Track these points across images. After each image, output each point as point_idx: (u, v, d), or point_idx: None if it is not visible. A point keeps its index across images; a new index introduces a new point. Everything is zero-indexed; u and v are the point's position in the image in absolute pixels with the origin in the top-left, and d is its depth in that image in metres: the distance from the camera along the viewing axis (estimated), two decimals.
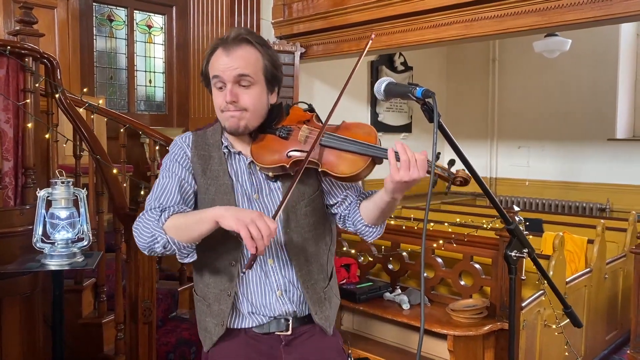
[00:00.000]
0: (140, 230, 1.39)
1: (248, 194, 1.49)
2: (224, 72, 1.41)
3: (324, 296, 1.54)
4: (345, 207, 1.55)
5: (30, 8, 2.81)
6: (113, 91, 5.34)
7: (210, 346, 1.52)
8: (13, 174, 2.61)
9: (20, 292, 2.61)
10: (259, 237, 1.22)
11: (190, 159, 1.50)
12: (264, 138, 1.49)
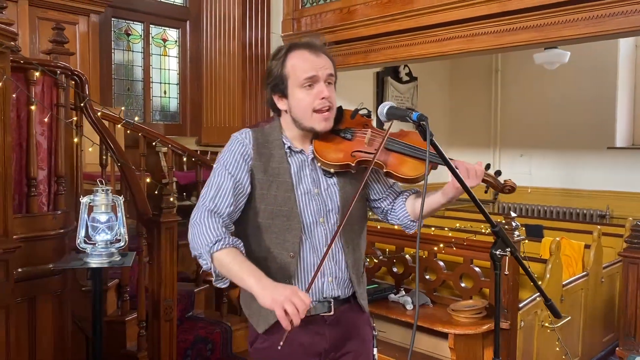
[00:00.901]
0: (196, 237, 1.48)
1: (309, 190, 1.60)
2: (318, 71, 1.53)
3: (361, 280, 1.71)
4: (388, 202, 1.72)
5: (62, 29, 3.04)
6: (130, 102, 5.58)
7: (266, 328, 1.59)
8: (46, 181, 2.83)
9: (52, 290, 2.82)
10: (294, 313, 1.29)
11: (252, 157, 1.57)
12: (328, 138, 1.60)
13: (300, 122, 1.58)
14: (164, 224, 2.91)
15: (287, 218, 1.57)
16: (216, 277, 1.51)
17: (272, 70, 1.59)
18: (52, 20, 4.62)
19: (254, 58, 5.64)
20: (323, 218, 1.61)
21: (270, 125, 1.64)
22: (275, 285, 1.40)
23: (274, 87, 1.59)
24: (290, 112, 1.59)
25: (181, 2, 5.99)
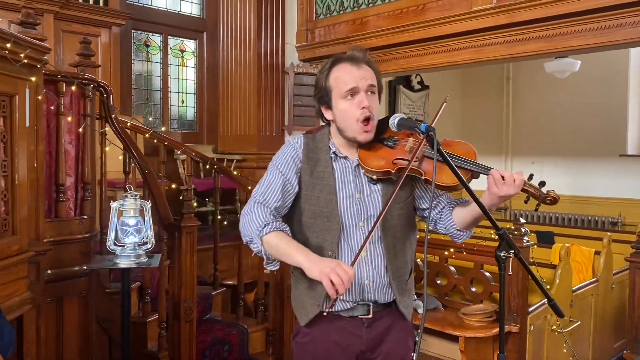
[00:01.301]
0: (247, 224, 1.63)
1: (351, 194, 1.69)
2: (359, 82, 1.63)
3: (405, 287, 1.75)
4: (437, 211, 1.76)
5: (88, 42, 3.19)
6: (149, 111, 5.75)
7: (307, 322, 1.72)
8: (73, 188, 2.98)
9: (78, 291, 2.96)
10: (339, 283, 1.43)
11: (301, 160, 1.71)
12: (372, 146, 1.68)
13: (344, 131, 1.68)
14: (185, 229, 3.03)
15: (327, 219, 1.67)
16: (267, 260, 1.64)
17: (318, 83, 1.72)
18: (75, 33, 4.82)
19: (268, 68, 5.79)
20: (363, 222, 1.69)
21: (320, 132, 1.76)
22: (322, 259, 1.55)
23: (320, 99, 1.71)
24: (335, 122, 1.70)
25: (198, 14, 6.17)
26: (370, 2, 5.36)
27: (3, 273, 2.25)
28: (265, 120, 5.80)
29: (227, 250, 4.50)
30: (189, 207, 3.06)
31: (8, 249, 2.29)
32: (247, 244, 1.67)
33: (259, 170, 5.54)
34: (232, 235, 4.62)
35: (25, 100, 2.37)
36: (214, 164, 3.70)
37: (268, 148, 5.80)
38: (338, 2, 5.69)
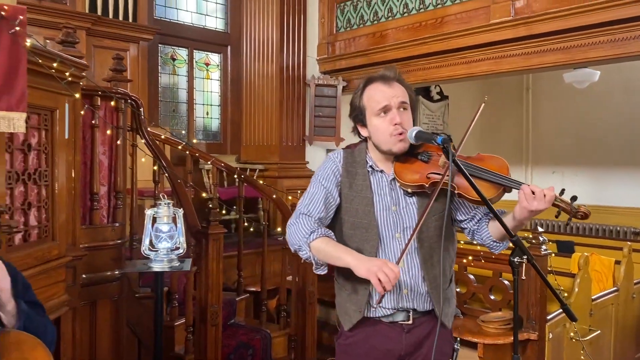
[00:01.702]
0: (293, 234, 1.75)
1: (387, 206, 1.78)
2: (390, 100, 1.73)
3: (445, 296, 1.80)
4: (474, 223, 1.82)
5: (121, 58, 3.36)
6: (175, 122, 5.93)
7: (350, 327, 1.81)
8: (107, 196, 3.13)
9: (110, 295, 3.10)
10: (386, 280, 1.52)
11: (341, 174, 1.82)
12: (407, 160, 1.76)
13: (379, 146, 1.78)
14: (212, 236, 3.16)
15: (365, 230, 1.76)
16: (316, 265, 1.75)
17: (353, 102, 1.83)
18: (106, 48, 5.02)
19: (290, 80, 5.93)
20: (400, 234, 1.77)
21: (358, 147, 1.87)
22: (369, 258, 1.66)
23: (355, 118, 1.82)
24: (371, 138, 1.81)
25: (223, 29, 6.36)
26: (389, 16, 5.47)
27: (44, 276, 2.39)
28: (286, 130, 5.94)
29: (250, 257, 4.62)
30: (215, 215, 3.19)
31: (48, 253, 2.44)
32: (295, 252, 1.78)
33: (280, 179, 5.68)
34: (254, 242, 4.74)
35: (65, 114, 2.53)
36: (241, 175, 3.83)
37: (289, 158, 5.94)
38: (358, 16, 5.82)
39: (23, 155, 2.29)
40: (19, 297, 1.68)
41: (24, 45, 1.88)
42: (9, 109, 1.85)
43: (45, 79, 2.30)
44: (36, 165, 2.38)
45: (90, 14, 4.91)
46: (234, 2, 6.32)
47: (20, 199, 2.28)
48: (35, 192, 2.39)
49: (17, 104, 1.86)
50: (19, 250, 2.24)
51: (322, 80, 6.09)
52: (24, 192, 2.31)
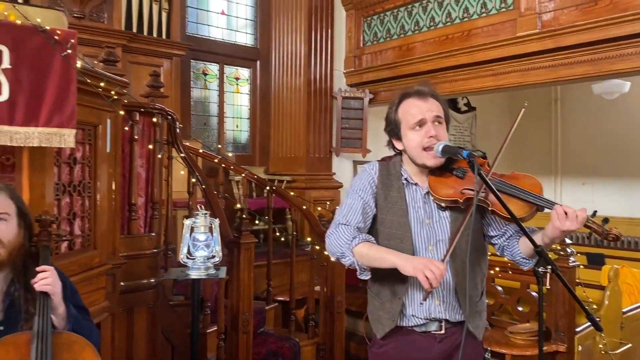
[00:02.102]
0: (334, 242, 1.80)
1: (421, 219, 1.82)
2: (425, 114, 1.77)
3: (475, 309, 1.84)
4: (504, 239, 1.85)
5: (158, 75, 3.52)
6: (206, 135, 6.10)
7: (383, 335, 1.86)
8: (144, 207, 3.26)
9: (146, 303, 3.22)
10: (433, 277, 1.56)
11: (376, 185, 1.87)
12: (442, 174, 1.80)
13: (414, 159, 1.83)
14: (243, 245, 3.26)
15: (400, 241, 1.81)
16: (360, 270, 1.79)
17: (388, 117, 1.88)
18: (141, 64, 5.22)
19: (317, 93, 6.04)
20: (432, 246, 1.81)
21: (393, 160, 1.93)
22: (414, 257, 1.73)
23: (391, 132, 1.88)
24: (406, 152, 1.86)
25: (252, 44, 6.52)
26: (416, 29, 5.55)
27: (86, 283, 2.52)
28: (314, 142, 6.04)
29: (278, 267, 4.71)
30: (246, 225, 3.29)
31: (91, 261, 2.57)
32: (337, 260, 1.84)
33: (307, 190, 5.77)
34: (282, 252, 4.84)
35: (107, 129, 2.67)
36: (272, 187, 3.93)
37: (316, 169, 6.04)
38: (385, 30, 5.91)
39: (69, 168, 2.43)
40: (68, 301, 1.80)
41: (75, 67, 2.01)
42: (60, 126, 1.98)
43: (90, 96, 2.44)
44: (80, 178, 2.52)
45: (126, 31, 5.11)
46: (263, 18, 6.49)
47: (66, 210, 2.42)
48: (79, 203, 2.52)
49: (67, 121, 2.00)
50: (64, 258, 2.37)
51: (349, 92, 6.18)
52: (69, 203, 2.44)
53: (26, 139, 1.94)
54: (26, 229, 1.78)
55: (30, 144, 1.95)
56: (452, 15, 5.15)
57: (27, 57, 1.94)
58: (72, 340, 1.72)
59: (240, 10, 6.46)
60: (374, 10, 6.02)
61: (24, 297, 1.74)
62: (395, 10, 5.77)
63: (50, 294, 1.69)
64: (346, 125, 6.16)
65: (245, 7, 6.49)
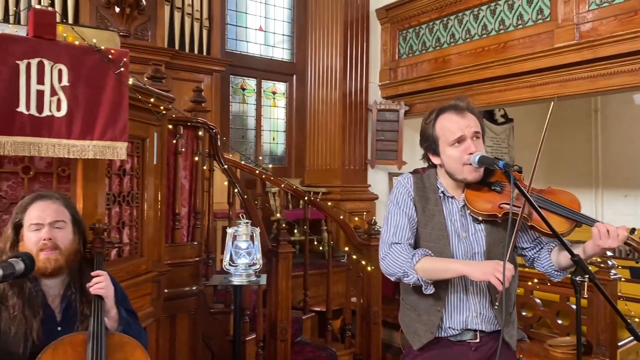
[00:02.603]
0: (392, 263, 1.80)
1: (458, 232, 1.83)
2: (464, 130, 1.78)
3: (510, 319, 1.88)
4: (535, 251, 1.88)
5: (201, 90, 3.66)
6: (244, 148, 6.25)
7: (420, 346, 1.88)
8: (187, 217, 3.38)
9: (188, 310, 3.32)
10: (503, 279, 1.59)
11: (413, 198, 1.88)
12: (479, 188, 1.81)
13: (453, 174, 1.83)
14: (281, 255, 3.35)
15: (439, 254, 1.81)
16: (425, 285, 1.79)
17: (424, 132, 1.88)
18: (183, 80, 5.42)
19: (353, 105, 6.12)
20: (469, 259, 1.82)
21: (427, 173, 1.93)
22: (479, 262, 1.75)
23: (428, 147, 1.88)
24: (444, 166, 1.85)
25: (289, 59, 6.67)
26: (451, 42, 5.57)
27: (134, 289, 2.63)
28: (349, 154, 6.11)
29: (314, 278, 4.77)
30: (284, 235, 3.37)
31: (138, 268, 2.69)
32: (398, 280, 1.84)
33: (343, 202, 5.83)
34: (317, 264, 4.90)
35: (154, 142, 2.81)
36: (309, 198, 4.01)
37: (352, 181, 6.09)
38: (420, 42, 5.96)
39: (119, 179, 2.56)
40: (120, 305, 1.91)
41: (127, 84, 2.14)
42: (114, 139, 2.11)
43: (138, 111, 2.57)
44: (129, 189, 2.65)
45: (169, 48, 5.32)
46: (300, 33, 6.63)
47: (116, 219, 2.55)
48: (128, 212, 2.65)
49: (120, 135, 2.12)
50: (114, 265, 2.49)
51: (384, 105, 6.24)
52: (118, 212, 2.57)
53: (82, 152, 2.07)
54: (80, 235, 1.90)
55: (85, 156, 2.08)
56: (487, 27, 5.16)
57: (84, 75, 2.07)
58: (124, 341, 1.82)
59: (277, 27, 6.62)
60: (409, 23, 6.08)
61: (79, 300, 1.85)
62: (431, 23, 5.81)
63: (104, 297, 1.80)
64: (381, 137, 6.21)
65: (282, 23, 6.65)
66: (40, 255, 1.76)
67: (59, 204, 1.85)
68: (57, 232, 1.80)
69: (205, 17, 5.67)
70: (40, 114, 1.97)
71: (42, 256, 1.76)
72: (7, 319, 1.71)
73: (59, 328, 1.81)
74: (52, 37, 2.02)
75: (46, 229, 1.77)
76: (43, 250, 1.76)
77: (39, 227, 1.77)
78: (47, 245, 1.76)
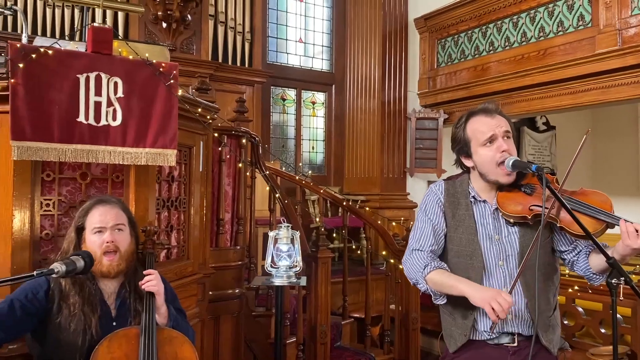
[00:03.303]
0: (410, 268, 1.89)
1: (490, 235, 1.85)
2: (495, 129, 1.81)
3: (548, 323, 1.86)
4: (574, 254, 1.85)
5: (243, 101, 3.80)
6: (284, 157, 6.40)
7: (455, 349, 1.90)
8: (230, 222, 3.51)
9: (231, 312, 3.44)
10: (500, 310, 1.61)
11: (443, 204, 1.92)
12: (510, 191, 1.83)
13: (487, 175, 1.85)
14: (321, 259, 3.43)
15: (470, 258, 1.85)
16: (434, 296, 1.88)
17: (455, 136, 1.92)
18: (226, 91, 5.61)
19: (391, 114, 6.18)
20: (503, 262, 1.83)
21: (460, 179, 1.97)
22: (483, 287, 1.78)
23: (460, 150, 1.92)
24: (477, 168, 1.88)
25: (328, 69, 6.80)
26: (491, 49, 5.57)
27: (181, 290, 2.76)
28: (387, 163, 6.16)
29: (353, 285, 4.82)
30: (324, 240, 3.45)
31: (184, 270, 2.82)
32: (414, 285, 1.92)
33: (382, 210, 5.88)
34: (357, 271, 4.96)
35: (200, 151, 2.95)
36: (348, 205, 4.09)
37: (391, 189, 6.14)
38: (459, 51, 5.97)
39: (168, 185, 2.71)
40: (169, 303, 2.03)
41: (176, 95, 2.28)
42: (164, 147, 2.25)
43: (186, 121, 2.71)
44: (177, 194, 2.79)
45: (213, 61, 5.52)
46: (339, 44, 6.75)
47: (165, 222, 2.69)
48: (175, 216, 2.79)
49: (170, 142, 2.26)
50: (163, 266, 2.62)
51: (423, 113, 6.27)
52: (167, 216, 2.71)
53: (136, 158, 2.21)
54: (135, 237, 2.04)
55: (138, 163, 2.22)
56: (527, 34, 5.14)
57: (137, 87, 2.22)
58: (172, 336, 1.94)
59: (317, 38, 6.77)
60: (447, 32, 6.11)
61: (133, 297, 1.98)
62: (470, 32, 5.83)
63: (155, 294, 1.92)
64: (420, 145, 6.24)
65: (321, 34, 6.79)
66: (104, 260, 1.88)
67: (118, 208, 1.98)
68: (117, 234, 1.93)
69: (247, 30, 5.87)
70: (97, 124, 2.12)
71: (105, 261, 1.89)
72: (68, 315, 1.85)
73: (114, 323, 1.93)
74: (108, 52, 2.17)
75: (108, 232, 1.90)
76: (106, 254, 1.89)
77: (102, 230, 1.91)
78: (110, 247, 1.89)
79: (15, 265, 2.07)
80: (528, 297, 1.82)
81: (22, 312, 1.79)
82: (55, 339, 1.84)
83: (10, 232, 2.08)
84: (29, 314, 1.81)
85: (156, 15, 5.07)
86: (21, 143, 1.96)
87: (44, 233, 2.16)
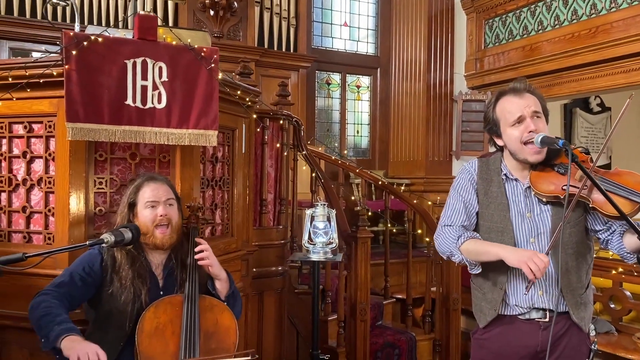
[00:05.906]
0: (442, 242, 1.94)
1: (522, 213, 1.89)
2: (523, 110, 1.83)
3: (580, 301, 1.87)
4: (609, 233, 1.86)
5: (286, 85, 3.89)
6: (329, 141, 6.47)
7: (485, 324, 1.96)
8: (273, 203, 3.63)
9: (274, 288, 3.57)
10: (536, 269, 1.65)
11: (476, 182, 1.97)
12: (543, 170, 1.85)
13: (516, 155, 1.89)
14: (360, 239, 3.50)
15: (501, 234, 1.89)
16: (470, 266, 1.92)
17: (486, 116, 1.97)
18: (271, 77, 5.73)
19: (437, 97, 6.13)
20: (534, 239, 1.86)
21: (493, 157, 2.01)
22: (519, 249, 1.82)
23: (490, 130, 1.96)
24: (507, 147, 1.92)
25: (373, 52, 6.80)
26: (539, 29, 5.42)
27: (225, 265, 2.87)
28: (433, 146, 6.13)
29: (396, 266, 4.87)
30: (363, 220, 3.52)
31: (229, 246, 2.95)
32: (448, 259, 1.98)
33: (426, 193, 5.87)
34: (400, 253, 4.99)
35: (242, 133, 3.06)
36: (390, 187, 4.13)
37: (436, 172, 6.11)
38: (507, 31, 5.84)
39: (212, 165, 2.84)
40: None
41: (217, 78, 2.39)
42: (206, 128, 2.37)
43: (228, 104, 2.83)
44: (221, 174, 2.92)
45: (259, 47, 5.65)
46: (384, 27, 6.73)
47: (209, 201, 2.83)
48: (220, 196, 2.92)
49: (211, 124, 2.37)
50: (209, 241, 2.71)
51: (470, 95, 6.18)
52: (212, 195, 2.85)
53: (179, 139, 2.34)
54: (181, 212, 2.18)
55: (182, 143, 2.35)
56: (578, 12, 4.97)
57: (180, 71, 2.34)
58: (213, 304, 2.07)
59: (362, 21, 6.76)
60: (495, 12, 5.98)
61: (179, 269, 2.12)
62: (518, 11, 5.68)
63: (209, 266, 2.05)
64: (467, 128, 6.16)
65: (366, 17, 6.78)
66: (157, 232, 2.03)
67: (166, 184, 2.13)
68: (169, 209, 2.07)
69: (293, 15, 5.95)
70: (144, 106, 2.26)
71: (158, 234, 2.03)
72: (119, 287, 2.00)
73: (161, 292, 2.08)
74: (153, 38, 2.30)
75: (162, 206, 2.05)
76: (159, 227, 2.03)
77: (155, 204, 2.05)
78: (163, 220, 2.03)
79: (73, 238, 2.24)
80: (560, 274, 1.83)
81: (82, 283, 1.96)
82: (107, 307, 2.00)
83: (67, 209, 2.26)
84: (87, 284, 1.98)
85: (204, 3, 5.21)
86: (75, 124, 2.12)
87: (98, 209, 2.33)
